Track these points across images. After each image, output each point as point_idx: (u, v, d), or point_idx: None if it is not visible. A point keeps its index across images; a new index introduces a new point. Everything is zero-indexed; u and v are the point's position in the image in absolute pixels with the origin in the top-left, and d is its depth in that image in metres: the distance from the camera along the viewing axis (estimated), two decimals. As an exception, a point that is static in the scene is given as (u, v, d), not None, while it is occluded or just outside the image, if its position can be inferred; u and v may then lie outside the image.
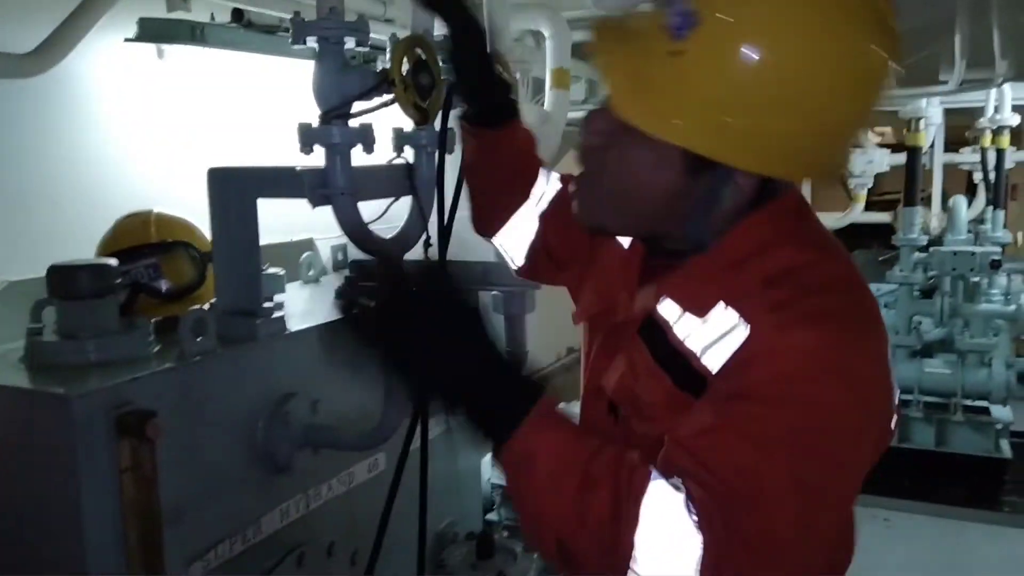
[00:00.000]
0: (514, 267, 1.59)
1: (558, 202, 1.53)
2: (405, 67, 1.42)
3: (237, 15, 2.58)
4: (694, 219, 1.06)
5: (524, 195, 1.54)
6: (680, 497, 0.93)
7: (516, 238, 1.55)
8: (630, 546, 0.93)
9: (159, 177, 2.59)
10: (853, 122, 1.05)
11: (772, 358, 0.97)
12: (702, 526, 0.92)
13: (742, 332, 1.00)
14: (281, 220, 2.05)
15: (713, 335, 1.02)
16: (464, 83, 1.42)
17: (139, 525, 1.43)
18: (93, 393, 1.39)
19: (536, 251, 1.56)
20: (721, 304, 1.03)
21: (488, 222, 1.57)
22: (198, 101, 2.78)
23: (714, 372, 1.02)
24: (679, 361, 1.06)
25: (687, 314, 1.06)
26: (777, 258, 1.04)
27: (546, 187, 1.57)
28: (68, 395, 1.38)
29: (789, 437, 0.95)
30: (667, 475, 0.96)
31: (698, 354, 1.04)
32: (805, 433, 0.95)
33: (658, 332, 1.09)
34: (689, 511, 0.93)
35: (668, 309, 1.09)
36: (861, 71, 0.96)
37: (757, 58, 0.92)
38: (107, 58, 2.46)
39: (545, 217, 1.55)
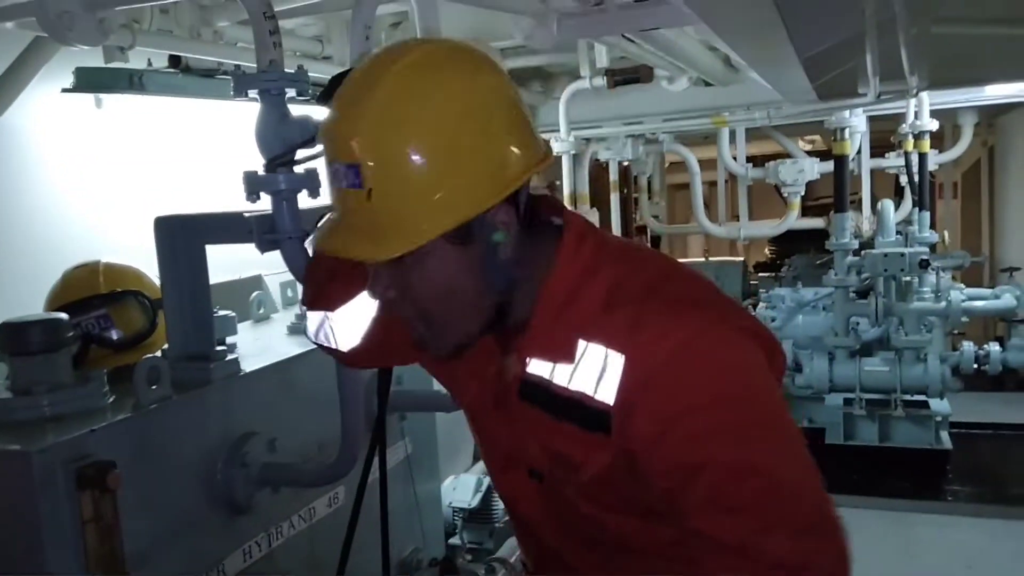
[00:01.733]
0: (341, 348, 1.44)
1: None
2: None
3: (175, 61, 2.60)
4: (495, 279, 1.13)
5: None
6: None
7: (353, 317, 1.41)
8: None
9: (104, 225, 2.59)
10: (517, 121, 1.11)
11: (667, 377, 1.04)
12: None
13: (618, 359, 1.07)
14: (229, 258, 2.08)
15: (593, 371, 1.09)
16: None
17: (104, 574, 1.44)
18: (52, 448, 1.41)
19: (379, 331, 1.40)
20: (581, 341, 1.11)
21: (328, 296, 1.41)
22: (139, 147, 2.79)
23: (611, 403, 1.08)
24: (574, 406, 1.12)
25: (557, 364, 1.13)
26: (599, 281, 1.13)
27: None
28: (27, 451, 1.39)
29: (748, 448, 1.03)
30: None
31: (590, 392, 1.10)
32: (753, 429, 1.04)
33: (540, 391, 1.16)
34: None
35: (537, 367, 1.16)
36: (478, 115, 1.07)
37: (410, 155, 1.03)
38: (46, 109, 2.46)
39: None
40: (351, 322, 1.39)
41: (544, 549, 1.32)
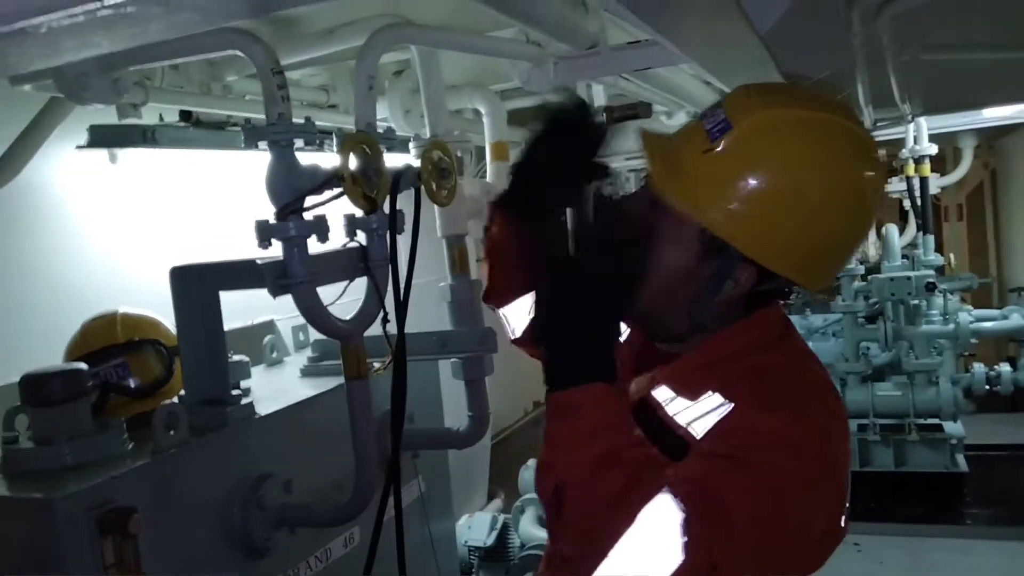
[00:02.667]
0: (511, 335, 1.65)
1: None
2: (353, 162, 1.53)
3: (186, 115, 2.68)
4: (696, 302, 1.22)
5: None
6: (680, 517, 1.03)
7: (520, 312, 1.61)
8: (615, 536, 1.02)
9: (121, 275, 2.65)
10: (843, 235, 1.22)
11: (750, 432, 1.11)
12: (687, 549, 1.01)
13: (726, 407, 1.16)
14: (242, 304, 2.13)
15: (701, 411, 1.18)
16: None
17: (126, 619, 1.47)
18: (74, 495, 1.44)
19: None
20: (711, 391, 1.18)
21: (501, 296, 1.62)
22: (154, 199, 2.87)
23: (698, 437, 1.16)
24: (666, 432, 1.20)
25: (679, 398, 1.22)
26: (766, 357, 1.21)
27: None
28: (49, 499, 1.43)
29: (752, 491, 1.07)
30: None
31: (684, 425, 1.19)
32: (763, 491, 1.08)
33: (649, 412, 1.24)
34: (683, 533, 1.02)
35: (662, 393, 1.25)
36: (851, 192, 1.18)
37: (772, 167, 1.14)
38: (62, 165, 2.54)
39: None
40: (517, 318, 1.61)
41: None
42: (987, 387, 5.38)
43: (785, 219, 1.14)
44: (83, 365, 1.70)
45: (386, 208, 1.64)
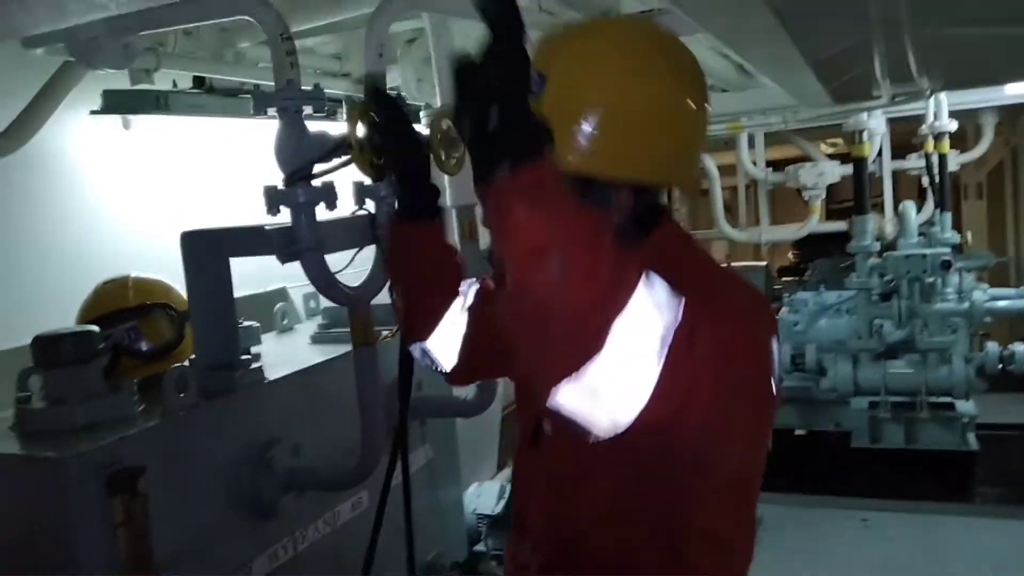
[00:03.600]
0: (445, 370, 1.55)
1: (483, 294, 1.54)
2: (360, 130, 1.53)
3: (199, 82, 2.69)
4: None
5: (451, 294, 1.53)
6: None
7: (447, 340, 1.52)
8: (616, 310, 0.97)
9: (133, 240, 2.67)
10: (683, 125, 1.24)
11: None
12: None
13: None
14: (254, 271, 2.14)
15: None
16: (401, 183, 1.50)
17: (135, 577, 1.50)
18: (84, 454, 1.47)
19: (474, 346, 1.52)
20: None
21: (420, 326, 1.52)
22: (166, 165, 2.88)
23: None
24: None
25: None
26: (679, 254, 1.24)
27: (466, 288, 1.56)
28: (60, 458, 1.46)
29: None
30: None
31: None
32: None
33: None
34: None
35: None
36: (672, 84, 1.22)
37: (592, 96, 1.19)
38: (76, 132, 2.55)
39: (474, 309, 1.53)
40: (445, 345, 1.52)
41: (530, 535, 1.37)
42: (1000, 366, 5.34)
43: (626, 133, 1.19)
44: (95, 327, 1.72)
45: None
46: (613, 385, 0.98)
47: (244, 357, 1.90)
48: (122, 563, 1.48)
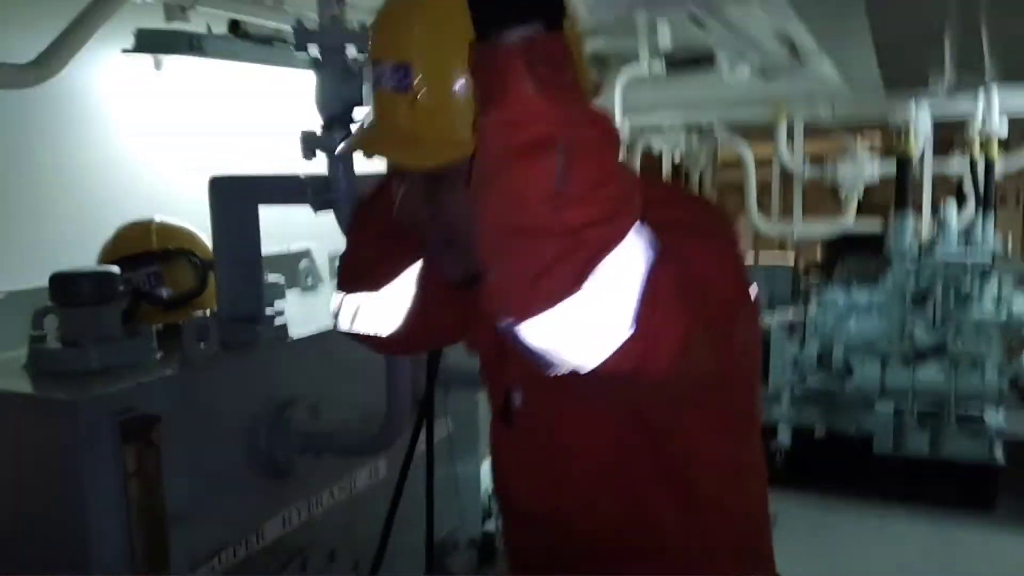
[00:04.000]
0: (380, 333, 1.36)
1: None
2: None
3: (234, 26, 2.60)
4: None
5: (414, 254, 1.31)
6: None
7: (396, 299, 1.32)
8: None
9: (158, 184, 2.60)
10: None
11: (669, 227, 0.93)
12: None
13: None
14: (278, 230, 2.06)
15: None
16: None
17: (145, 528, 1.43)
18: (99, 399, 1.40)
19: (421, 312, 1.33)
20: None
21: (380, 276, 1.32)
22: (196, 109, 2.80)
23: None
24: None
25: None
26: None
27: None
28: (74, 401, 1.38)
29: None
30: None
31: None
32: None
33: None
34: None
35: None
36: None
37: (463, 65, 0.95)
38: (106, 68, 2.48)
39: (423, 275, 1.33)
40: (393, 305, 1.32)
41: (521, 531, 1.28)
42: (1033, 379, 5.20)
43: None
44: (115, 268, 1.64)
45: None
46: (590, 322, 0.81)
47: (268, 312, 1.83)
48: (132, 513, 1.42)
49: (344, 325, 1.38)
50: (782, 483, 1.20)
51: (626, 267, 0.81)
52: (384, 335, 1.36)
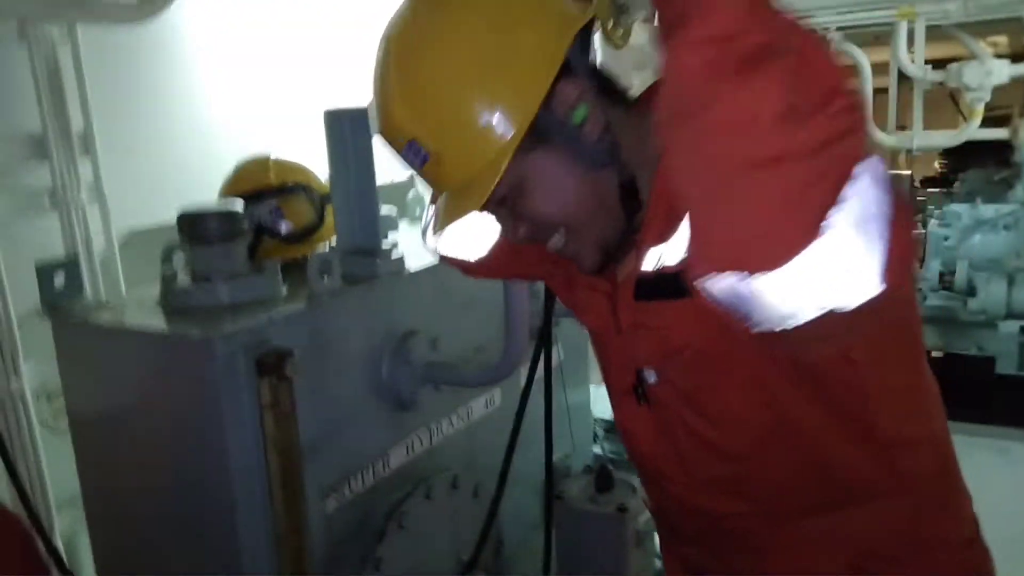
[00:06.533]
0: (468, 258, 1.36)
1: None
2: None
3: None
4: (604, 154, 1.01)
5: None
6: None
7: (481, 228, 1.30)
8: None
9: (269, 121, 2.62)
10: (517, 34, 0.98)
11: None
12: None
13: None
14: (386, 160, 2.05)
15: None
16: None
17: (280, 459, 1.48)
18: (233, 335, 1.43)
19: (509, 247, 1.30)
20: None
21: None
22: (307, 44, 2.79)
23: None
24: (671, 278, 1.01)
25: (669, 243, 1.02)
26: None
27: None
28: (210, 337, 1.42)
29: None
30: None
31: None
32: None
33: (651, 282, 1.05)
34: None
35: (651, 257, 1.05)
36: (486, 26, 0.98)
37: (445, 104, 0.97)
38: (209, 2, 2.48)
39: None
40: (480, 232, 1.30)
41: (670, 500, 1.24)
42: None
43: (493, 74, 0.96)
44: (240, 203, 1.66)
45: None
46: (850, 254, 0.70)
47: (385, 244, 1.83)
48: (267, 445, 1.47)
49: (431, 243, 1.38)
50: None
51: (874, 183, 0.70)
52: (470, 260, 1.36)
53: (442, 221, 1.03)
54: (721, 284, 0.74)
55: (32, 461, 2.07)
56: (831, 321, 0.72)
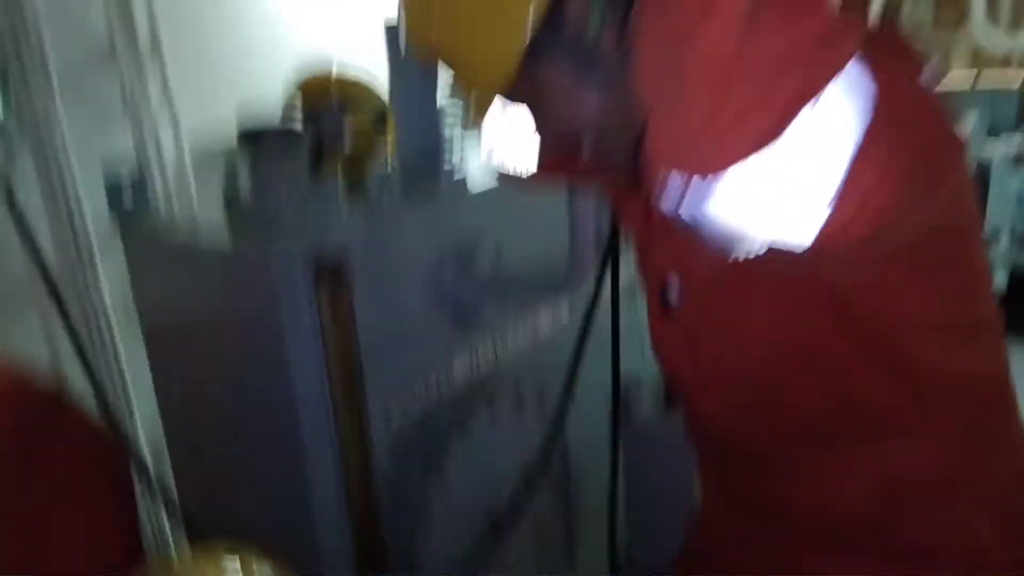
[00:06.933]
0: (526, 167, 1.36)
1: None
2: None
3: None
4: (614, 85, 0.97)
5: None
6: None
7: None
8: None
9: (332, 35, 2.59)
10: None
11: None
12: None
13: None
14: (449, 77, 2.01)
15: None
16: None
17: (342, 372, 1.51)
18: (293, 248, 1.45)
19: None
20: None
21: None
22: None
23: None
24: None
25: None
26: None
27: None
28: (270, 251, 1.44)
29: None
30: None
31: None
32: None
33: None
34: None
35: None
36: None
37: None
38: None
39: None
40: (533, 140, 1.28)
41: (695, 419, 1.21)
42: None
43: None
44: (300, 120, 1.66)
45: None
46: (792, 184, 0.68)
47: (446, 160, 1.81)
48: (329, 357, 1.49)
49: (485, 150, 1.43)
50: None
51: (837, 118, 0.67)
52: (528, 169, 1.33)
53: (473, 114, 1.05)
54: (671, 190, 0.73)
55: (116, 374, 2.16)
56: (842, 247, 0.71)
